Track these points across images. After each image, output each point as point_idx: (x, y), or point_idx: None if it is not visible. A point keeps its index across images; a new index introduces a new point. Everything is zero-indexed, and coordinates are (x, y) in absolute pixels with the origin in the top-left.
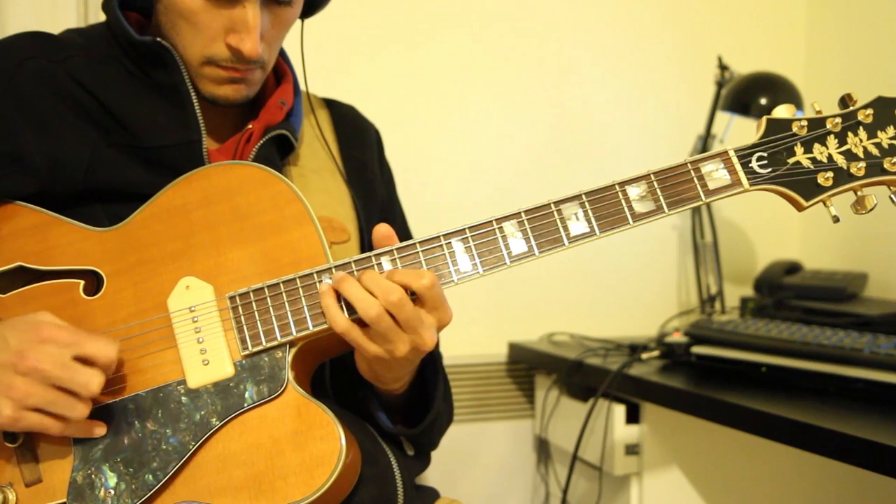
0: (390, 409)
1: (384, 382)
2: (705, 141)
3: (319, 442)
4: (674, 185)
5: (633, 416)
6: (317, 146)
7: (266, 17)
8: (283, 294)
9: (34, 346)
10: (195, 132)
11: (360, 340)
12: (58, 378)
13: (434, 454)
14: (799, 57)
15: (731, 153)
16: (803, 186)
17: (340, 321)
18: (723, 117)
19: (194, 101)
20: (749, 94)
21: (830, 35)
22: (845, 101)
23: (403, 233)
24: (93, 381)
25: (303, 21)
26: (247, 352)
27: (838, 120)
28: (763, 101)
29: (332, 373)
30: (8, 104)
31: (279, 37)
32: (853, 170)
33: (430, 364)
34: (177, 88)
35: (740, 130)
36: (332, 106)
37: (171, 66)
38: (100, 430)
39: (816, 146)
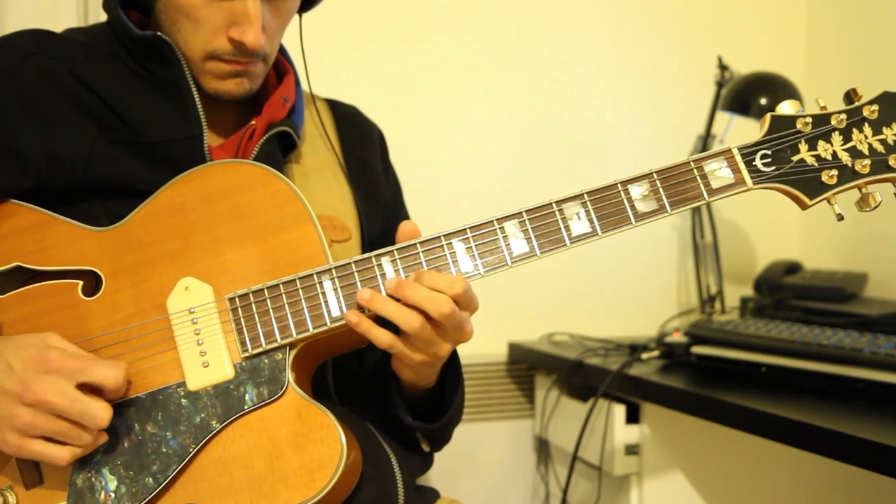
0: (411, 406)
1: (423, 379)
2: (705, 141)
3: (320, 444)
4: (676, 185)
5: (633, 417)
6: (319, 144)
7: (266, 8)
8: (283, 295)
9: (39, 378)
10: (196, 127)
11: (406, 352)
12: (65, 411)
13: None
14: (799, 57)
15: (735, 151)
16: (807, 184)
17: (384, 338)
18: (723, 117)
19: (195, 95)
20: (749, 94)
21: (830, 35)
22: (850, 96)
23: None
24: (103, 417)
25: (301, 16)
26: (246, 354)
27: (843, 116)
28: (763, 101)
29: (335, 373)
30: (8, 100)
31: (280, 28)
32: (858, 167)
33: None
34: (178, 83)
35: (740, 130)
36: (334, 106)
37: (172, 60)
38: (101, 437)
39: (821, 143)
